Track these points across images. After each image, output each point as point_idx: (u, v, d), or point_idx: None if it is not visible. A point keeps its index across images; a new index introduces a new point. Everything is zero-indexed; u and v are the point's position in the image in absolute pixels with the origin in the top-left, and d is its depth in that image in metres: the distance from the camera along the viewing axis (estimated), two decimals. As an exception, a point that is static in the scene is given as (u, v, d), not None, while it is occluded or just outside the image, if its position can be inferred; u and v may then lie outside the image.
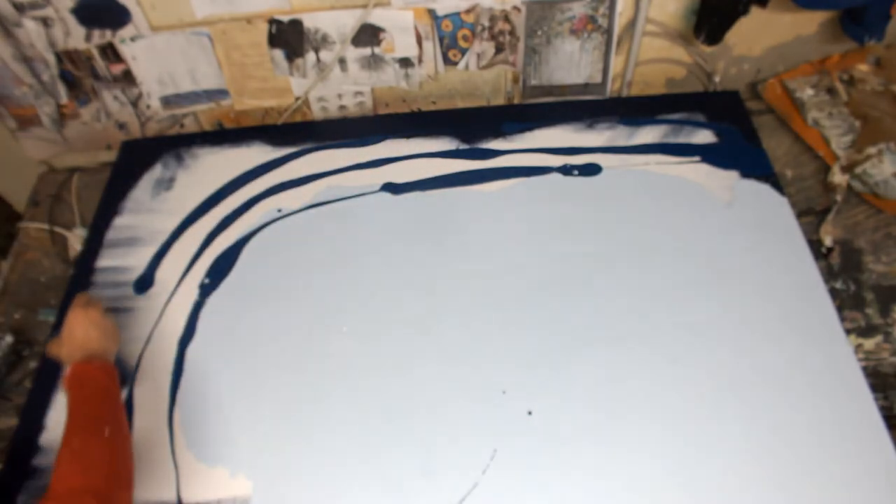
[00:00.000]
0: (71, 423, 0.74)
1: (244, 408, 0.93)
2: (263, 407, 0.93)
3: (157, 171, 1.23)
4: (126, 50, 1.17)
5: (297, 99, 1.28)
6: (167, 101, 1.27)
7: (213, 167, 1.22)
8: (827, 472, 0.82)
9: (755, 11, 1.10)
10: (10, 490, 0.88)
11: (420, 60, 1.22)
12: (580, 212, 1.10)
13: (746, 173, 1.13)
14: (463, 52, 1.22)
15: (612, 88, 1.29)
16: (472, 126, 1.24)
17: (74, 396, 0.78)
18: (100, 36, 1.14)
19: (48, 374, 0.99)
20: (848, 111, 1.20)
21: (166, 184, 1.21)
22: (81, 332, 0.85)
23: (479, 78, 1.28)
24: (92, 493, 0.67)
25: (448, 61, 1.24)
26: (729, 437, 0.85)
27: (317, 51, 1.20)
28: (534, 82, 1.27)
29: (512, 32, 1.19)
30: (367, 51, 1.20)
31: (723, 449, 0.84)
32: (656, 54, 1.26)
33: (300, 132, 1.27)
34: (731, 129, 1.20)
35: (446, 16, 1.16)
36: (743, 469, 0.83)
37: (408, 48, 1.20)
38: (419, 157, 1.20)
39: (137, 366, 0.99)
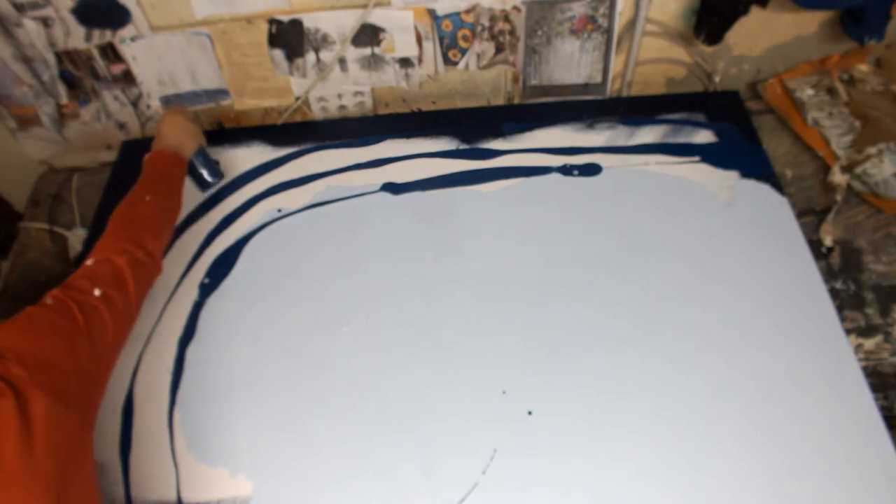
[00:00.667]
0: (131, 190, 0.96)
1: (244, 408, 0.93)
2: (263, 407, 0.93)
3: (157, 171, 1.23)
4: (126, 50, 1.17)
5: (297, 99, 1.28)
6: (167, 101, 1.27)
7: (213, 167, 1.23)
8: (827, 472, 0.82)
9: (755, 11, 1.10)
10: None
11: (420, 60, 1.22)
12: (580, 212, 1.10)
13: (746, 173, 1.13)
14: (463, 52, 1.22)
15: (612, 88, 1.29)
16: (472, 126, 1.24)
17: (144, 172, 1.00)
18: (100, 36, 1.14)
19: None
20: (848, 111, 1.20)
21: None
22: (167, 129, 1.06)
23: (479, 78, 1.28)
24: (126, 238, 0.87)
25: (448, 61, 1.24)
26: (729, 436, 0.85)
27: (317, 51, 1.20)
28: (534, 82, 1.27)
29: (512, 32, 1.19)
30: (367, 51, 1.20)
31: (723, 448, 0.85)
32: (656, 54, 1.26)
33: (300, 132, 1.27)
34: (731, 129, 1.20)
35: (446, 16, 1.16)
36: (743, 468, 0.83)
37: (408, 48, 1.20)
38: (419, 157, 1.20)
39: (137, 366, 0.99)
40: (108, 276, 0.82)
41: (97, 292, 0.78)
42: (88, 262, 0.84)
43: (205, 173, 1.15)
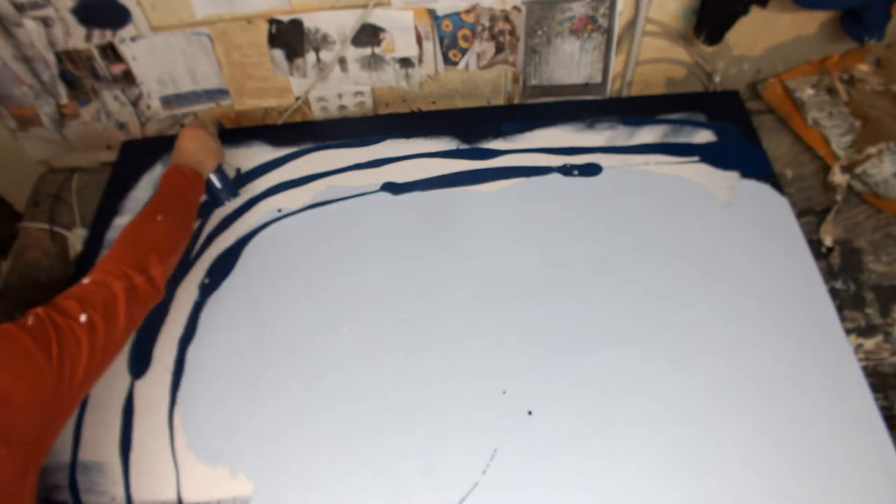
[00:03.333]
0: (143, 209, 0.94)
1: (244, 408, 0.93)
2: (264, 407, 0.93)
3: (157, 171, 1.23)
4: (126, 50, 1.17)
5: (297, 99, 1.28)
6: (167, 101, 1.27)
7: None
8: (827, 472, 0.82)
9: (755, 11, 1.10)
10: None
11: (420, 60, 1.22)
12: (580, 212, 1.10)
13: (746, 173, 1.13)
14: (463, 52, 1.22)
15: (612, 88, 1.29)
16: (472, 126, 1.24)
17: (160, 188, 0.98)
18: (100, 36, 1.15)
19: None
20: (848, 111, 1.20)
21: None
22: (185, 144, 1.05)
23: (479, 78, 1.28)
24: (129, 262, 0.83)
25: (448, 61, 1.24)
26: (729, 437, 0.85)
27: (317, 51, 1.20)
28: (534, 82, 1.27)
29: (512, 32, 1.19)
30: (367, 51, 1.20)
31: (723, 448, 0.85)
32: (656, 54, 1.26)
33: (300, 132, 1.27)
34: (731, 129, 1.20)
35: (446, 16, 1.16)
36: (743, 468, 0.83)
37: (408, 48, 1.20)
38: (419, 157, 1.20)
39: (137, 366, 0.99)
40: (100, 302, 0.77)
41: (83, 318, 0.74)
42: (85, 280, 0.80)
43: (222, 192, 1.13)
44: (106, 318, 0.76)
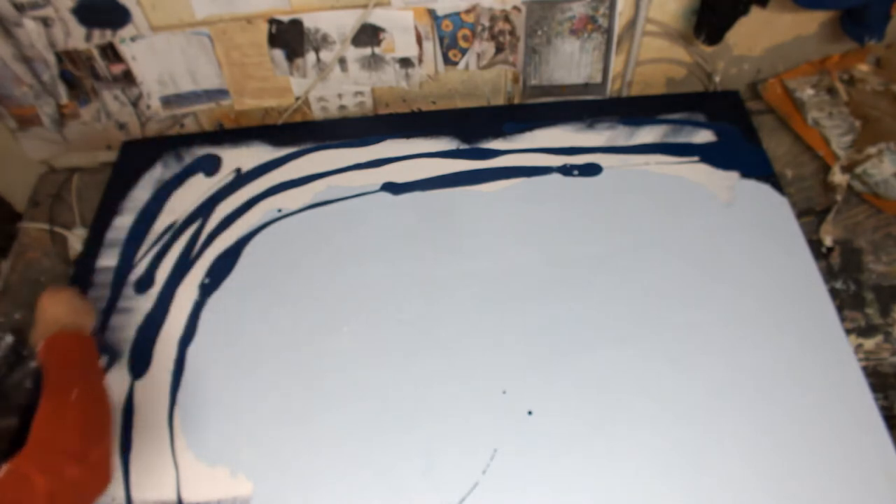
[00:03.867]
0: (45, 391, 0.77)
1: (244, 408, 0.93)
2: (263, 407, 0.93)
3: (157, 171, 1.23)
4: (126, 50, 1.17)
5: (297, 99, 1.28)
6: (167, 101, 1.27)
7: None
8: (827, 472, 0.82)
9: (755, 11, 1.10)
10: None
11: (420, 60, 1.22)
12: (580, 212, 1.10)
13: (746, 173, 1.13)
14: (463, 52, 1.22)
15: (612, 88, 1.29)
16: (472, 126, 1.24)
17: (46, 366, 0.81)
18: (100, 36, 1.14)
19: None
20: (848, 111, 1.20)
21: (169, 184, 1.21)
22: (51, 311, 0.89)
23: (479, 78, 1.28)
24: (58, 449, 0.71)
25: (448, 61, 1.24)
26: (729, 437, 0.85)
27: (317, 51, 1.20)
28: (534, 82, 1.27)
29: (512, 32, 1.19)
30: (367, 51, 1.20)
31: (723, 448, 0.85)
32: (656, 54, 1.26)
33: (300, 132, 1.27)
34: (731, 129, 1.20)
35: (446, 16, 1.16)
36: (743, 468, 0.83)
37: (408, 48, 1.20)
38: (419, 157, 1.20)
39: (137, 366, 0.99)
40: (10, 501, 0.65)
41: None
42: (2, 470, 0.67)
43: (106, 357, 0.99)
44: None
